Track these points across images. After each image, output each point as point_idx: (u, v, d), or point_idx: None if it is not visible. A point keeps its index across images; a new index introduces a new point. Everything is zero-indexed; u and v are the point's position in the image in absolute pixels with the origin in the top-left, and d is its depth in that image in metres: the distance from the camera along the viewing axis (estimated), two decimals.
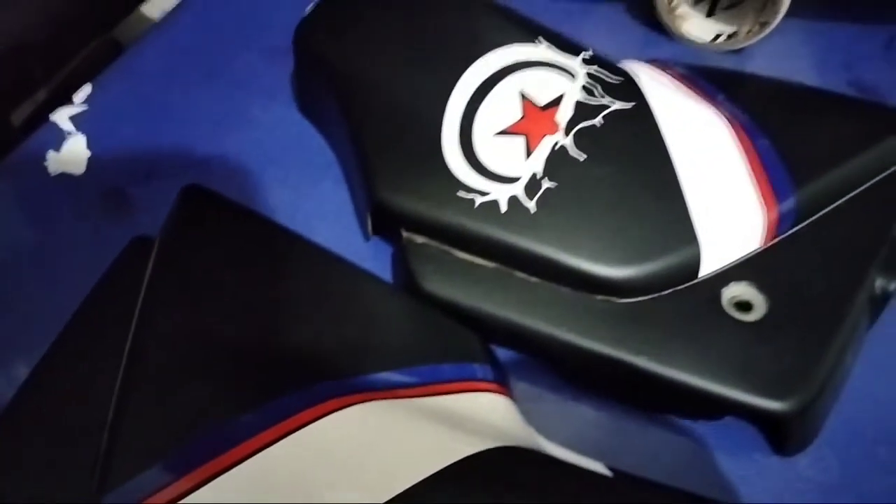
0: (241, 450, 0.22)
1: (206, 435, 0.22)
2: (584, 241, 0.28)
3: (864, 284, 0.29)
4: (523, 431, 0.25)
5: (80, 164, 0.34)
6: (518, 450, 0.23)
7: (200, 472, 0.21)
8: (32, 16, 0.53)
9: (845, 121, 0.33)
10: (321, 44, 0.34)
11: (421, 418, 0.23)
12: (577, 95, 0.31)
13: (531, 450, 0.23)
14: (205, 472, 0.20)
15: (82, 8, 0.58)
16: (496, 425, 0.24)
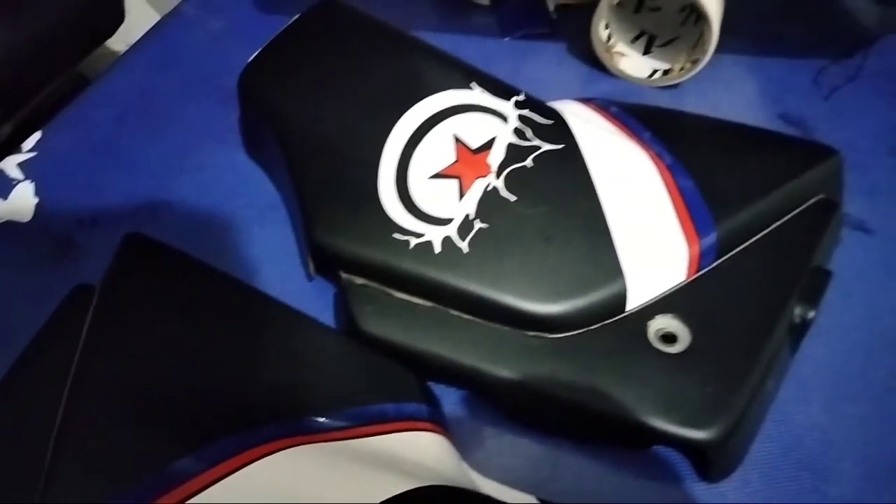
0: (177, 494, 0.22)
1: (142, 481, 0.23)
2: (514, 280, 0.29)
3: (784, 314, 0.30)
4: (456, 469, 0.26)
5: (28, 211, 0.35)
6: (446, 488, 0.23)
7: None
8: None
9: (766, 156, 0.35)
10: (263, 89, 0.35)
11: (352, 460, 0.24)
12: (508, 138, 0.33)
13: (461, 488, 0.24)
14: None
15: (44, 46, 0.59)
16: (428, 464, 0.25)
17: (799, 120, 0.44)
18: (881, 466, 0.29)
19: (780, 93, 0.45)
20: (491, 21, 0.49)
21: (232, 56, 0.42)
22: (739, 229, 0.32)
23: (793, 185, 0.34)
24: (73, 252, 0.34)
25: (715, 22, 0.40)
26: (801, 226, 0.33)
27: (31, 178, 0.36)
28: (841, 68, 0.47)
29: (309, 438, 0.24)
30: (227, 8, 0.47)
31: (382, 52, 0.36)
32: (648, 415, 0.27)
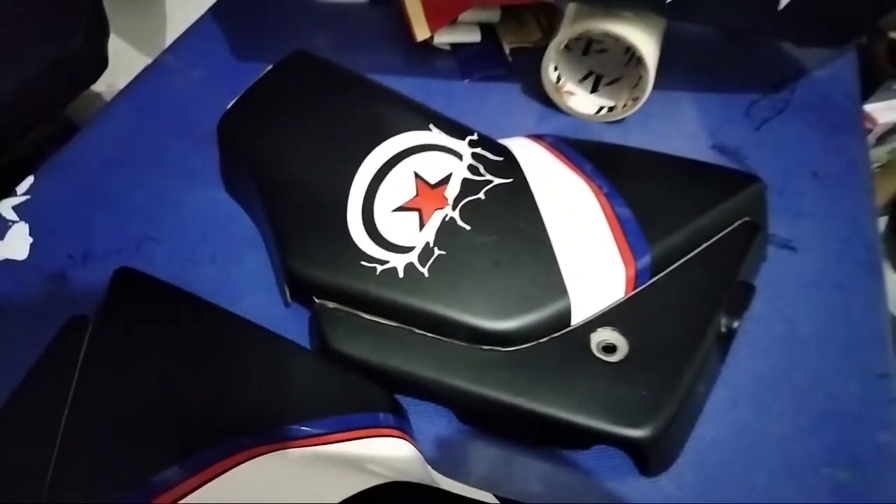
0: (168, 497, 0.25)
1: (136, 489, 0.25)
2: (470, 300, 0.33)
3: (712, 325, 0.34)
4: (419, 469, 0.29)
5: (23, 250, 0.38)
6: (409, 484, 0.26)
7: None
8: None
9: (695, 184, 0.39)
10: (241, 134, 0.39)
11: (325, 462, 0.27)
12: (463, 174, 0.37)
13: (422, 484, 0.27)
14: None
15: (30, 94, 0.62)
16: (394, 465, 0.28)
17: (732, 150, 0.48)
18: (801, 456, 0.33)
19: (714, 125, 0.50)
20: (452, 64, 0.53)
21: (210, 103, 0.45)
22: (671, 251, 0.36)
23: (719, 210, 0.38)
24: (66, 286, 0.36)
25: (651, 64, 0.45)
26: (727, 246, 0.37)
27: (26, 220, 0.39)
28: (770, 102, 0.52)
29: (286, 445, 0.27)
30: (205, 59, 0.50)
31: (349, 97, 0.39)
32: (592, 417, 0.31)
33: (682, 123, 0.50)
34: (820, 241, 0.42)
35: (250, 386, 0.30)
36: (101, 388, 0.29)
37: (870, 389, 0.35)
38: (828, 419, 0.34)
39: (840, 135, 0.50)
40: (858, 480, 0.32)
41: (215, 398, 0.29)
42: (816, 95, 0.53)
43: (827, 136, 0.50)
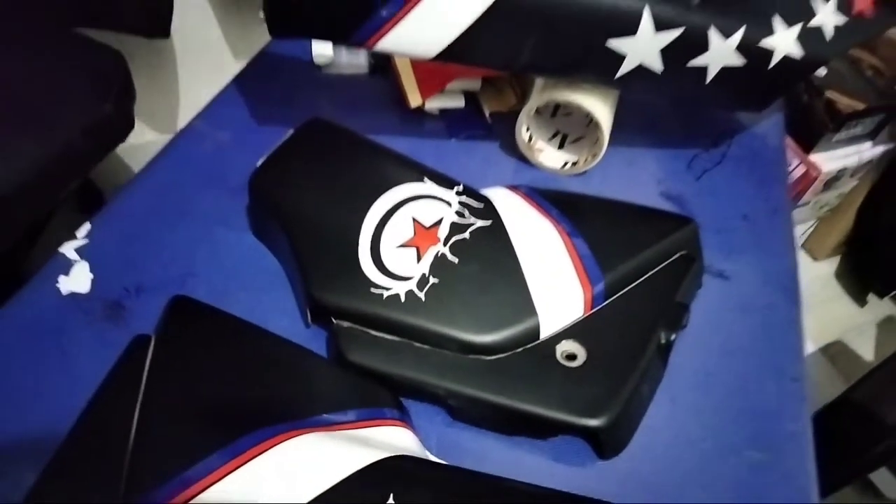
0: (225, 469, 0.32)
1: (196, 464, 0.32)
2: (459, 319, 0.41)
3: (654, 337, 0.42)
4: (418, 449, 0.36)
5: (86, 284, 0.45)
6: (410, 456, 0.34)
7: (195, 487, 0.31)
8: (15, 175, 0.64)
9: (641, 225, 0.48)
10: (270, 186, 0.47)
11: (343, 441, 0.34)
12: (452, 218, 0.45)
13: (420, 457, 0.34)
14: (200, 486, 0.31)
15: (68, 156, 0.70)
16: (398, 445, 0.35)
17: (676, 196, 0.57)
18: (728, 442, 0.40)
19: (662, 176, 0.59)
20: (441, 126, 0.62)
21: (236, 160, 0.54)
22: (621, 278, 0.44)
23: (660, 245, 0.46)
24: (122, 314, 0.44)
25: (606, 127, 0.54)
26: (667, 274, 0.46)
27: (86, 259, 0.46)
28: (709, 155, 0.62)
29: (314, 429, 0.34)
30: (230, 123, 0.59)
31: (358, 156, 0.48)
32: (558, 411, 0.38)
33: (635, 174, 0.59)
34: (748, 272, 0.51)
35: (285, 386, 0.37)
36: (166, 390, 0.36)
37: (785, 390, 0.43)
38: (750, 413, 0.42)
39: (767, 184, 0.60)
40: (772, 460, 0.40)
41: (259, 396, 0.36)
42: (748, 150, 0.63)
43: (756, 185, 0.59)
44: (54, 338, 0.42)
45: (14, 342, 0.42)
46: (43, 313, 0.43)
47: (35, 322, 0.43)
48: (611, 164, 0.58)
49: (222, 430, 0.34)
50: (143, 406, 0.35)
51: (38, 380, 0.40)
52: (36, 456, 0.34)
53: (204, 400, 0.36)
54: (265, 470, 0.32)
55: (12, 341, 0.42)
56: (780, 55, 0.50)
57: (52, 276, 0.45)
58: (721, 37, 0.48)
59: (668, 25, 0.47)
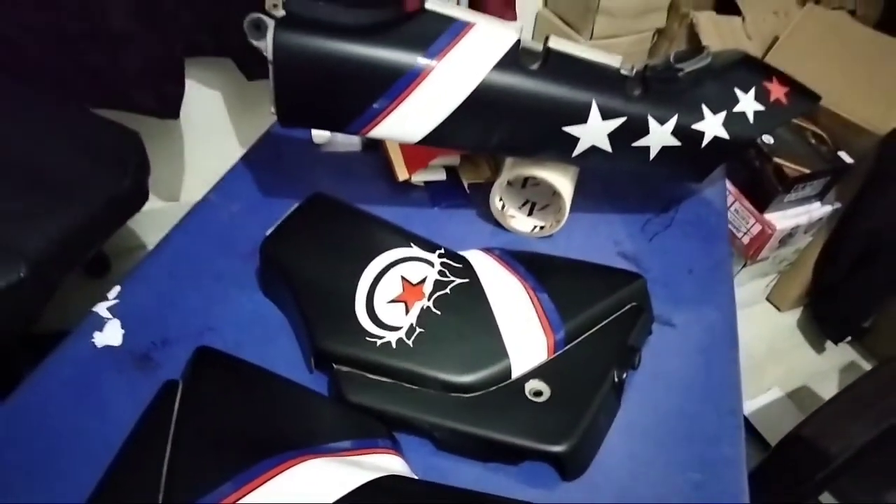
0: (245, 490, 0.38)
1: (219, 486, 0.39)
2: (441, 362, 0.48)
3: (608, 376, 0.49)
4: (407, 472, 0.43)
5: (118, 339, 0.52)
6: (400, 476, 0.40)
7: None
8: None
9: (596, 280, 0.56)
10: (278, 252, 0.55)
11: (344, 465, 0.40)
12: (435, 276, 0.53)
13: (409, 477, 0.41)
14: None
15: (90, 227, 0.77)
16: (389, 468, 0.41)
17: (632, 255, 0.66)
18: (673, 465, 0.47)
19: (619, 237, 0.68)
20: (425, 196, 0.70)
21: (247, 229, 0.62)
22: (579, 326, 0.52)
23: (613, 298, 0.54)
24: (151, 364, 0.50)
25: (567, 197, 0.63)
26: (619, 323, 0.53)
27: (117, 317, 0.53)
28: (661, 219, 0.71)
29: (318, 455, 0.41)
30: (240, 196, 0.67)
31: (353, 225, 0.56)
32: (526, 440, 0.45)
33: (595, 236, 0.68)
34: (693, 320, 0.59)
35: (294, 421, 0.44)
36: (193, 427, 0.42)
37: (723, 419, 0.51)
38: (693, 440, 0.49)
39: (710, 242, 0.68)
40: (710, 480, 0.46)
41: (272, 429, 0.43)
42: (694, 214, 0.72)
43: (701, 244, 0.68)
44: (91, 387, 0.49)
45: (55, 391, 0.49)
46: (80, 365, 0.50)
47: (74, 373, 0.49)
48: (574, 227, 0.66)
49: (242, 457, 0.40)
50: (174, 442, 0.42)
51: (77, 424, 0.46)
52: (78, 490, 0.41)
53: (226, 434, 0.42)
54: (279, 489, 0.39)
55: (54, 390, 0.49)
56: (710, 136, 0.60)
57: (87, 332, 0.52)
58: (658, 123, 0.58)
59: (613, 115, 0.57)
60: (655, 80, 0.60)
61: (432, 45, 0.53)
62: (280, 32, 0.52)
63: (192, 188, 1.37)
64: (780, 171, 1.16)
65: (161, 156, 1.20)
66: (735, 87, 0.62)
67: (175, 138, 1.24)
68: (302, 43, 0.52)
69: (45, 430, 0.46)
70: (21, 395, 0.48)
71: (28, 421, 0.46)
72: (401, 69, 0.53)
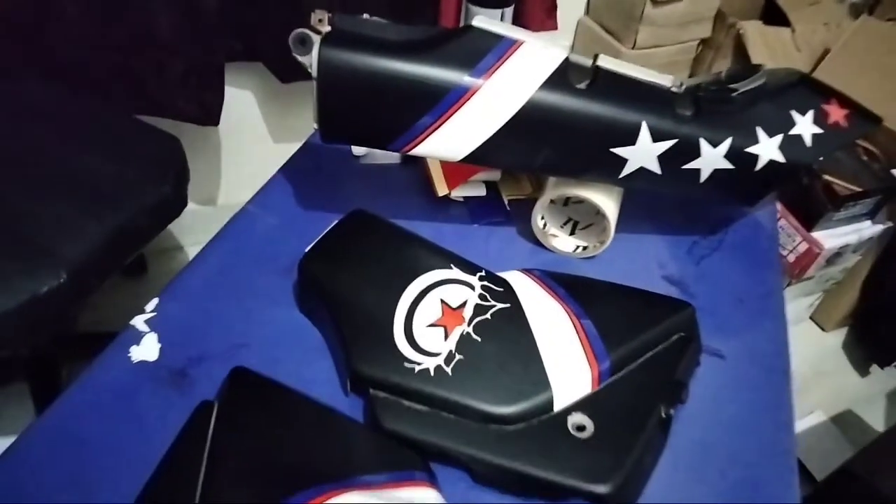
0: None
1: None
2: (481, 392, 0.46)
3: (654, 412, 0.47)
4: None
5: (154, 353, 0.52)
6: None
7: None
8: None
9: (642, 308, 0.54)
10: (317, 270, 0.54)
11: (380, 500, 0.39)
12: (475, 301, 0.51)
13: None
14: None
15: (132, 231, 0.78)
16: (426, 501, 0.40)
17: (677, 280, 0.63)
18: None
19: (664, 260, 0.65)
20: (465, 212, 0.69)
21: (285, 243, 0.61)
22: (625, 357, 0.50)
23: (660, 328, 0.52)
24: (187, 381, 0.50)
25: (612, 218, 0.61)
26: (666, 354, 0.51)
27: (154, 330, 0.53)
28: (708, 242, 0.68)
29: (354, 489, 0.40)
30: (278, 208, 0.67)
31: (394, 244, 0.55)
32: (568, 478, 0.43)
33: (639, 259, 0.66)
34: (742, 352, 0.56)
35: (329, 451, 0.43)
36: (228, 453, 0.42)
37: (775, 462, 0.48)
38: (743, 482, 0.47)
39: (761, 269, 0.66)
40: None
41: (307, 459, 0.42)
42: (743, 237, 0.69)
43: (750, 270, 0.65)
44: (126, 403, 0.48)
45: (91, 406, 0.48)
46: (117, 380, 0.50)
47: (110, 388, 0.49)
48: (618, 249, 0.64)
49: (277, 489, 0.40)
50: (208, 468, 0.41)
51: (112, 442, 0.46)
52: None
53: (260, 461, 0.41)
54: None
55: (90, 405, 0.48)
56: (765, 160, 0.57)
57: (124, 346, 0.52)
58: (710, 145, 0.55)
59: (663, 137, 0.54)
60: (708, 100, 0.58)
61: (480, 63, 0.52)
62: (325, 48, 0.51)
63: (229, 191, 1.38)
64: (830, 189, 1.12)
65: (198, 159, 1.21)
66: (792, 108, 0.59)
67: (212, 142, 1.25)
68: (347, 59, 0.51)
69: (80, 447, 0.46)
70: (57, 410, 0.48)
71: (64, 437, 0.46)
72: (447, 87, 0.52)
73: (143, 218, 0.78)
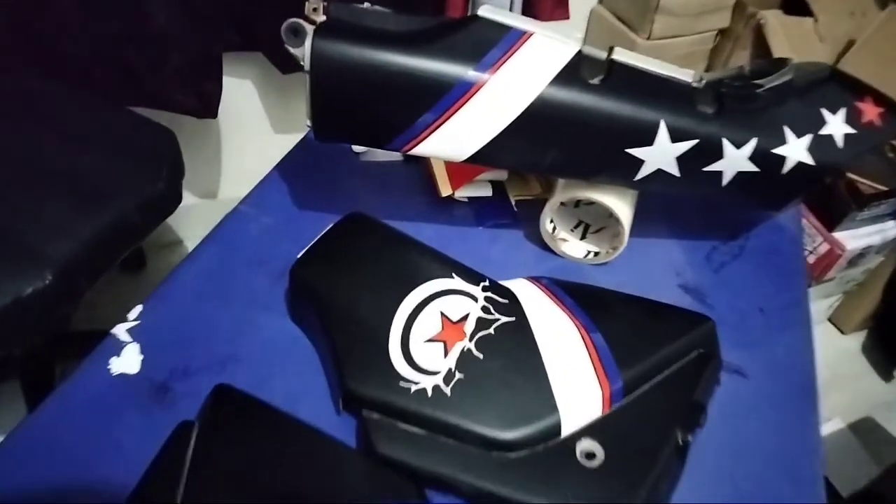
0: None
1: None
2: (482, 415, 0.43)
3: (670, 438, 0.44)
4: None
5: (136, 365, 0.48)
6: None
7: None
8: None
9: (658, 322, 0.50)
10: (309, 277, 0.50)
11: None
12: (478, 313, 0.48)
13: None
14: None
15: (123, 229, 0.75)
16: None
17: (695, 289, 0.59)
18: None
19: (680, 267, 0.61)
20: (469, 213, 0.65)
21: (278, 245, 0.58)
22: (639, 377, 0.46)
23: (678, 344, 0.48)
24: (169, 396, 0.47)
25: (626, 222, 0.57)
26: (683, 373, 0.47)
27: (137, 340, 0.50)
28: (728, 248, 0.64)
29: None
30: (273, 207, 0.63)
31: (392, 251, 0.51)
32: None
33: (655, 266, 0.62)
34: (765, 368, 0.53)
35: (318, 478, 0.39)
36: (207, 479, 0.39)
37: (801, 491, 0.44)
38: None
39: (785, 277, 0.61)
40: None
41: (293, 488, 0.39)
42: (766, 242, 0.65)
43: (774, 278, 0.61)
44: (104, 419, 0.45)
45: (67, 422, 0.45)
46: (94, 395, 0.47)
47: (87, 403, 0.46)
48: (631, 254, 0.60)
49: None
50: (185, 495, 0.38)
51: (87, 460, 0.43)
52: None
53: (243, 489, 0.38)
54: None
55: (66, 421, 0.45)
56: (793, 162, 0.53)
57: (104, 357, 0.49)
58: (733, 146, 0.51)
59: (683, 137, 0.50)
60: (731, 97, 0.53)
61: (485, 57, 0.48)
62: (319, 40, 0.47)
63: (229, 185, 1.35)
64: (854, 188, 1.07)
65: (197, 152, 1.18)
66: (822, 106, 0.55)
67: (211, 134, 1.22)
68: (342, 51, 0.47)
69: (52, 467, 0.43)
70: (31, 424, 0.45)
71: (35, 456, 0.43)
72: (450, 82, 0.48)
73: (134, 215, 0.75)
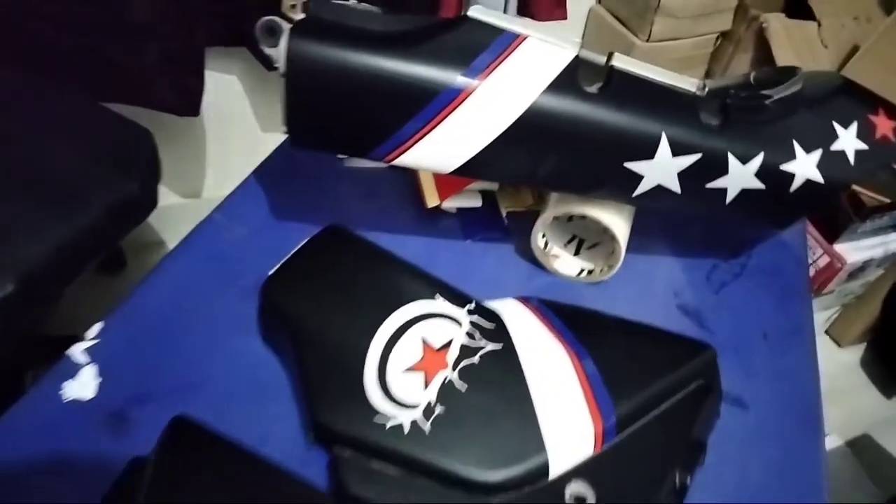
0: None
1: None
2: (463, 454, 0.39)
3: (667, 481, 0.40)
4: None
5: (91, 390, 0.45)
6: None
7: None
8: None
9: (655, 351, 0.46)
10: (281, 298, 0.47)
11: None
12: (462, 340, 0.44)
13: None
14: None
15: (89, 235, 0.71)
16: None
17: (693, 311, 0.56)
18: None
19: (679, 288, 0.58)
20: (457, 225, 0.62)
21: (251, 258, 0.54)
22: (634, 411, 0.43)
23: (676, 375, 0.45)
24: (126, 426, 0.43)
25: (623, 239, 0.54)
26: (682, 407, 0.44)
27: (94, 361, 0.46)
28: (729, 266, 0.61)
29: None
30: (247, 217, 0.59)
31: (371, 270, 0.48)
32: None
33: (652, 286, 0.58)
34: (767, 398, 0.49)
35: None
36: None
37: None
38: None
39: (789, 299, 0.58)
40: None
41: None
42: (769, 262, 0.62)
43: (777, 300, 0.58)
44: (55, 448, 0.42)
45: (15, 449, 0.41)
46: (45, 421, 0.43)
47: (37, 429, 0.43)
48: (627, 273, 0.57)
49: None
50: None
51: (31, 493, 0.40)
52: None
53: None
54: None
55: (13, 448, 0.42)
56: (802, 180, 0.50)
57: (58, 380, 0.45)
58: (739, 162, 0.48)
59: (686, 151, 0.47)
60: (737, 108, 0.50)
61: (475, 61, 0.44)
62: (296, 39, 0.44)
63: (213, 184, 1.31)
64: (856, 199, 1.04)
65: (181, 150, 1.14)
66: (834, 119, 0.52)
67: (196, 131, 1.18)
68: (320, 53, 0.44)
69: None
70: None
71: None
72: (436, 88, 0.44)
73: (105, 220, 0.71)
